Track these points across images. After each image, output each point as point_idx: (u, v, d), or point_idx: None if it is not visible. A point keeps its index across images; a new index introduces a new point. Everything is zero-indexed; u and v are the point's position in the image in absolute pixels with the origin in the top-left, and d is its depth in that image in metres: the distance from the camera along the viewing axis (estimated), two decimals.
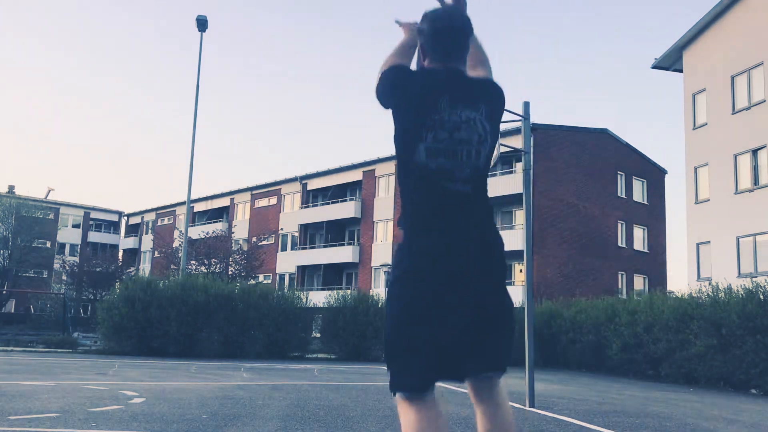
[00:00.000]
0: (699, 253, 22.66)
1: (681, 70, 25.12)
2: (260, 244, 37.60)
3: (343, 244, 41.06)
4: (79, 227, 62.95)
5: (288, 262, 44.02)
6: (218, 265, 31.10)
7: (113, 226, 66.31)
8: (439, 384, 2.08)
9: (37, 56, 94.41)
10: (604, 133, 35.59)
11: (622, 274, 35.26)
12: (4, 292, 45.02)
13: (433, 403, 2.04)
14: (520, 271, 32.69)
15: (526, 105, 8.71)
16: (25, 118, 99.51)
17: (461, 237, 2.09)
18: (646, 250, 37.09)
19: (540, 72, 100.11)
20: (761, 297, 12.55)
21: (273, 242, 44.54)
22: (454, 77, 2.20)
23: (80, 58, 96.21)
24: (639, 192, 37.37)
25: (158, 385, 9.33)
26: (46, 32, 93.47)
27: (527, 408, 7.89)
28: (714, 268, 21.40)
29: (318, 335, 20.81)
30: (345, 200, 41.76)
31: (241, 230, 46.23)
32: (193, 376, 11.34)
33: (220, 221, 48.81)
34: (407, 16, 2.49)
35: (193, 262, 30.44)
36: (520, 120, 8.69)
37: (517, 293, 28.88)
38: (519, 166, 32.59)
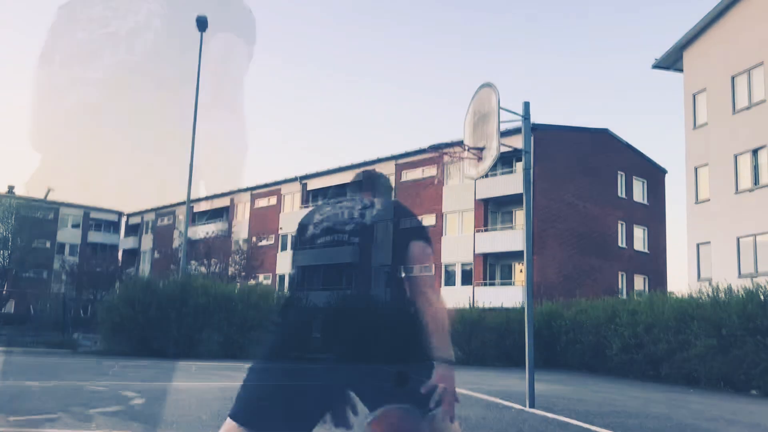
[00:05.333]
0: (699, 254, 22.64)
1: (681, 70, 25.11)
2: (260, 244, 37.59)
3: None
4: (79, 227, 62.87)
5: (288, 262, 44.00)
6: (218, 265, 31.11)
7: (113, 226, 66.25)
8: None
9: (37, 56, 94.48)
10: (604, 133, 35.58)
11: (622, 275, 35.24)
12: (4, 293, 44.94)
13: None
14: (521, 271, 32.69)
15: (526, 105, 8.71)
16: (25, 118, 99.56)
17: None
18: (646, 251, 37.08)
19: (540, 72, 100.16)
20: (761, 297, 12.54)
21: (273, 242, 44.56)
22: None
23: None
24: (639, 192, 37.36)
25: (158, 385, 9.32)
26: (45, 32, 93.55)
27: (527, 408, 7.89)
28: (714, 268, 21.38)
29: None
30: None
31: (241, 230, 46.22)
32: (193, 376, 11.33)
33: (220, 221, 48.79)
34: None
35: (193, 262, 30.46)
36: (520, 120, 8.69)
37: (517, 293, 29.04)
38: (519, 166, 32.57)
